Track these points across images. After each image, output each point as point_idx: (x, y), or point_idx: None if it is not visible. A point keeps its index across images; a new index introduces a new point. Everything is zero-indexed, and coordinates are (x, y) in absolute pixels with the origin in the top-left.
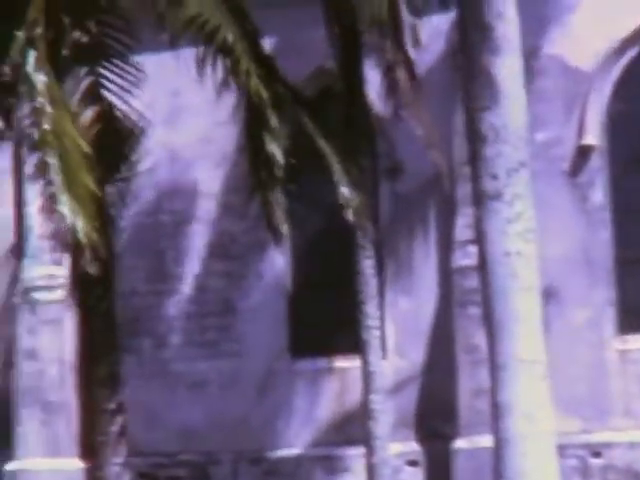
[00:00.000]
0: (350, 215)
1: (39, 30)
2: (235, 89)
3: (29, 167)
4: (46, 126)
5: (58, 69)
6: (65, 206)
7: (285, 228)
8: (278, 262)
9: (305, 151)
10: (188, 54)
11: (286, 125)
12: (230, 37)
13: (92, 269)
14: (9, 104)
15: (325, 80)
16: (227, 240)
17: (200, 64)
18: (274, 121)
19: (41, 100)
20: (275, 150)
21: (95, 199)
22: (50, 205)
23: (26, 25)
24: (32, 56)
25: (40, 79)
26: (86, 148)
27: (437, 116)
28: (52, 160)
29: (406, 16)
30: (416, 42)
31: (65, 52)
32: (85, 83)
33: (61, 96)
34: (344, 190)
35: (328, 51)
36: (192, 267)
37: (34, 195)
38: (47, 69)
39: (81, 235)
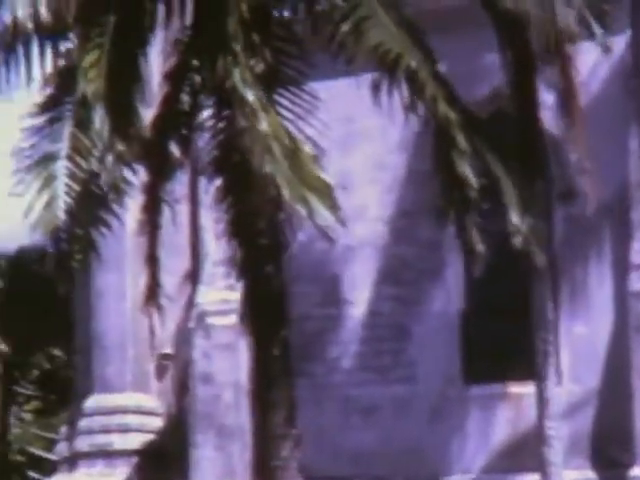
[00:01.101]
0: (519, 242)
1: (239, 46)
2: (417, 114)
3: (213, 191)
4: (264, 127)
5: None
6: (305, 201)
7: (481, 247)
8: (451, 287)
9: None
10: (362, 80)
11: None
12: (414, 63)
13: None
14: (187, 133)
15: (499, 103)
16: (399, 265)
17: (376, 90)
18: (462, 143)
19: (254, 108)
20: (467, 171)
21: (327, 186)
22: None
23: (229, 39)
24: (237, 72)
25: (249, 92)
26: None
27: (608, 140)
28: (278, 162)
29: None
30: (607, 49)
31: (259, 70)
32: None
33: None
34: (514, 217)
35: (502, 74)
36: (364, 292)
37: (210, 221)
38: (252, 82)
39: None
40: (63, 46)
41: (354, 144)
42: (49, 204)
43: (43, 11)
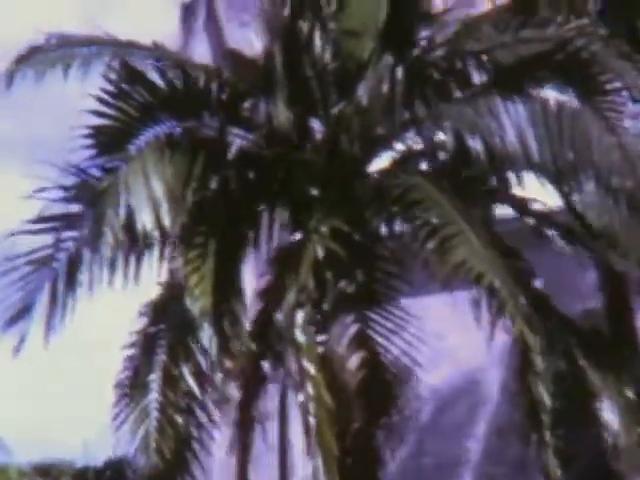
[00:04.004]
0: (622, 462)
1: (308, 292)
2: (503, 330)
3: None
4: (310, 391)
5: (321, 321)
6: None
7: (557, 473)
8: None
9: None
10: (452, 296)
11: (555, 366)
12: (497, 282)
13: None
14: (281, 349)
15: (592, 321)
16: None
17: (469, 307)
18: (539, 365)
19: (305, 362)
20: (543, 394)
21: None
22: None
23: (297, 289)
24: (300, 316)
25: (304, 340)
26: (331, 406)
27: None
28: (311, 420)
29: None
30: None
31: (327, 307)
32: (352, 328)
33: (323, 358)
34: (613, 434)
35: (596, 293)
36: None
37: (298, 437)
38: (311, 330)
39: None
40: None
41: (445, 361)
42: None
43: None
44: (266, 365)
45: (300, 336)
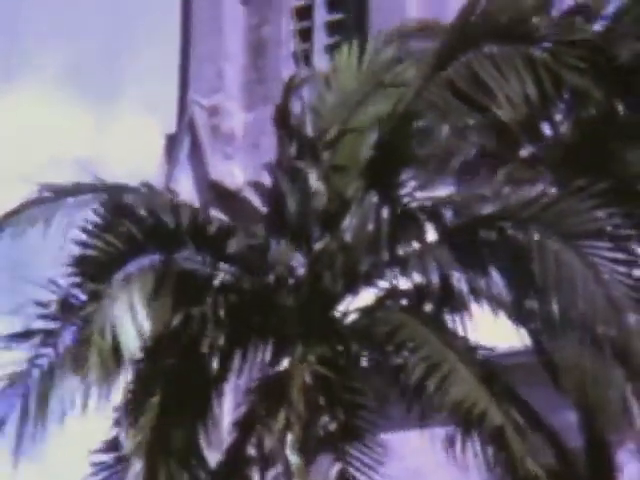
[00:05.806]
0: None
1: (299, 412)
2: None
3: None
4: None
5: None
6: None
7: None
8: None
9: None
10: (433, 433)
11: None
12: (498, 420)
13: None
14: None
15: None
16: None
17: (449, 444)
18: None
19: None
20: None
21: None
22: None
23: (286, 406)
24: (290, 438)
25: (295, 460)
26: None
27: None
28: None
29: None
30: None
31: (319, 434)
32: (335, 468)
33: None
34: None
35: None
36: None
37: None
38: (301, 451)
39: None
40: None
41: None
42: None
43: None
44: None
45: (292, 457)
